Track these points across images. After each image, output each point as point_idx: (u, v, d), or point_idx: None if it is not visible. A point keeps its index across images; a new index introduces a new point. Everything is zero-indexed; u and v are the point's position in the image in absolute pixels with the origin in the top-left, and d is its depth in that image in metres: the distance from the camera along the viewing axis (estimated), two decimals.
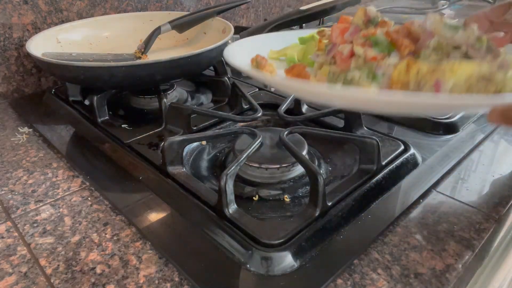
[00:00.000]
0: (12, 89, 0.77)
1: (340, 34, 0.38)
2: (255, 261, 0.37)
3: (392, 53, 0.33)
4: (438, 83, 0.26)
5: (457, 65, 0.26)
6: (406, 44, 0.32)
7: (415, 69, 0.27)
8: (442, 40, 0.31)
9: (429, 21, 0.32)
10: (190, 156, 0.55)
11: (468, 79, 0.26)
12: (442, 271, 0.37)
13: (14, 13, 0.73)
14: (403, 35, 0.33)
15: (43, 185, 0.50)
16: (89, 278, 0.37)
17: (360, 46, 0.34)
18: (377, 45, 0.33)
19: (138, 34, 0.79)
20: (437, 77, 0.26)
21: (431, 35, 0.31)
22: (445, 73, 0.26)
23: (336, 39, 0.38)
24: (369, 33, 0.34)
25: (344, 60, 0.35)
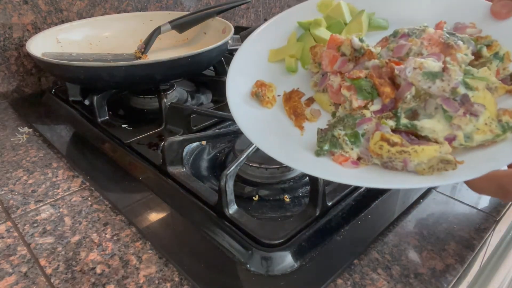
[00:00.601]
0: (12, 89, 0.77)
1: (330, 64, 0.39)
2: (255, 261, 0.37)
3: (376, 100, 0.35)
4: (406, 160, 0.30)
5: (420, 149, 0.30)
6: (387, 93, 0.34)
7: (386, 148, 0.31)
8: (420, 89, 0.33)
9: (408, 69, 0.33)
10: (190, 156, 0.55)
11: (430, 160, 0.29)
12: (442, 271, 0.37)
13: (14, 13, 0.73)
14: (387, 76, 0.35)
15: (43, 185, 0.50)
16: (89, 278, 0.37)
17: (346, 90, 0.36)
18: (361, 91, 0.35)
19: (138, 34, 0.79)
20: (404, 157, 0.30)
21: (410, 86, 0.33)
22: (410, 155, 0.30)
23: (327, 68, 0.39)
24: (354, 76, 0.36)
25: (335, 93, 0.37)
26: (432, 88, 0.32)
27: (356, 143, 0.33)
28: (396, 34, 0.39)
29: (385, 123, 0.33)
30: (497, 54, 0.37)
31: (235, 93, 0.39)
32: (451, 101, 0.32)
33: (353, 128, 0.34)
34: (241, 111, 0.38)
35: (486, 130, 0.31)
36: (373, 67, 0.36)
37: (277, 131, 0.37)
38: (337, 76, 0.38)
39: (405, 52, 0.36)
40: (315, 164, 0.33)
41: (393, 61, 0.35)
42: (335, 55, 0.39)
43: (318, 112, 0.40)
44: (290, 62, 0.44)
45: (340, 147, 0.34)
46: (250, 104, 0.39)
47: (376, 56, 0.37)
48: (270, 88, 0.41)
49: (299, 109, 0.39)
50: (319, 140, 0.35)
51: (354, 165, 0.33)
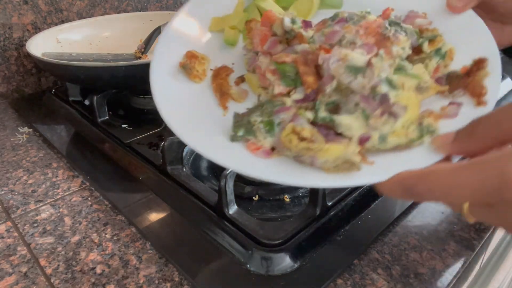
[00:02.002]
0: (12, 89, 0.77)
1: (261, 43, 0.36)
2: (255, 261, 0.37)
3: (299, 88, 0.33)
4: (313, 158, 0.29)
5: (326, 148, 0.29)
6: (309, 83, 0.32)
7: (295, 142, 0.30)
8: (341, 83, 0.31)
9: (332, 60, 0.31)
10: (190, 156, 0.55)
11: (336, 159, 0.28)
12: (442, 271, 0.37)
13: (14, 13, 0.73)
14: (313, 64, 0.33)
15: (43, 185, 0.50)
16: (89, 278, 0.37)
17: (271, 74, 0.34)
18: (284, 77, 0.34)
19: (138, 34, 0.79)
20: (311, 154, 0.29)
21: (331, 78, 0.31)
22: (317, 153, 0.29)
23: (257, 47, 0.37)
24: (279, 59, 0.34)
25: (263, 75, 0.35)
26: (353, 83, 0.30)
27: (271, 132, 0.32)
28: (335, 17, 0.37)
29: (303, 114, 0.31)
30: (439, 50, 0.35)
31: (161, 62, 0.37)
32: (370, 99, 0.30)
33: (270, 116, 0.32)
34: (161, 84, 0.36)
35: (402, 134, 0.29)
36: (302, 52, 0.34)
37: (198, 109, 0.35)
38: (266, 57, 0.36)
39: (337, 39, 0.34)
40: (226, 151, 0.32)
41: (323, 48, 0.33)
42: (267, 34, 0.36)
43: (245, 92, 0.37)
44: (229, 34, 0.41)
45: (254, 134, 0.32)
46: (176, 78, 0.37)
47: (307, 41, 0.35)
48: (203, 60, 0.38)
49: (224, 87, 0.37)
50: (234, 125, 0.33)
51: (266, 155, 0.31)
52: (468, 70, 0.32)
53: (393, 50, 0.33)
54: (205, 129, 0.34)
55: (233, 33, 0.41)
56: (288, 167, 0.30)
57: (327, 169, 0.29)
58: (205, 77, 0.38)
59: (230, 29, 0.41)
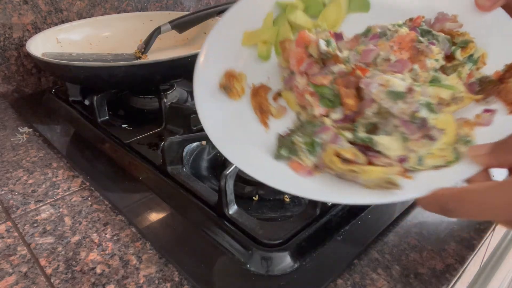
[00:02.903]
0: (12, 89, 0.77)
1: (297, 63, 0.37)
2: (255, 261, 0.37)
3: (338, 108, 0.34)
4: (356, 177, 0.30)
5: (369, 169, 0.30)
6: (350, 105, 0.33)
7: (338, 164, 0.31)
8: (382, 107, 0.32)
9: (373, 84, 0.32)
10: (190, 156, 0.55)
11: (378, 179, 0.30)
12: (442, 271, 0.37)
13: (14, 13, 0.73)
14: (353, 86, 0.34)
15: (43, 185, 0.50)
16: (89, 278, 0.37)
17: (309, 95, 0.35)
18: (323, 99, 0.35)
19: (138, 34, 0.79)
20: (354, 175, 0.30)
21: (372, 102, 0.32)
22: (359, 173, 0.30)
23: (294, 67, 0.37)
24: (318, 82, 0.35)
25: (301, 95, 0.36)
26: (393, 108, 0.31)
27: (313, 152, 0.33)
28: (368, 33, 0.38)
29: (343, 135, 0.32)
30: (472, 56, 0.36)
31: (203, 84, 0.38)
32: (410, 123, 0.31)
33: (311, 137, 0.34)
34: (206, 107, 0.37)
35: (439, 156, 0.30)
36: (339, 73, 0.35)
37: (240, 127, 0.37)
38: (303, 78, 0.37)
39: (372, 57, 0.35)
40: (271, 170, 0.33)
41: (359, 67, 0.34)
42: (303, 55, 0.37)
43: (284, 109, 0.39)
44: (262, 49, 0.41)
45: (297, 154, 0.33)
46: (217, 98, 0.38)
47: (342, 61, 0.36)
48: (240, 78, 0.39)
49: (265, 106, 0.39)
50: (278, 146, 0.34)
51: (308, 174, 0.32)
52: (501, 75, 0.33)
53: (427, 63, 0.34)
54: (249, 147, 0.35)
55: (266, 47, 0.41)
56: (330, 185, 0.31)
57: (368, 186, 0.30)
58: (243, 94, 0.39)
59: (263, 45, 0.41)
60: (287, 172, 0.33)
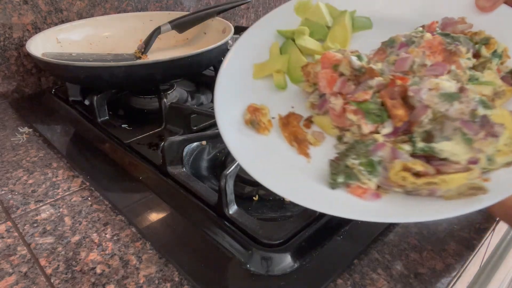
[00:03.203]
0: (12, 89, 0.77)
1: (328, 85, 0.36)
2: (255, 261, 0.37)
3: (386, 123, 0.32)
4: (434, 189, 0.29)
5: (449, 178, 0.28)
6: (400, 116, 0.31)
7: (411, 179, 0.29)
8: (437, 112, 0.31)
9: (423, 90, 0.31)
10: (190, 156, 0.55)
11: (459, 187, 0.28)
12: (442, 271, 0.37)
13: (14, 13, 0.73)
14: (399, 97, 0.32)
15: (43, 185, 0.50)
16: (89, 278, 0.37)
17: (353, 114, 0.33)
18: (369, 115, 0.33)
19: (138, 34, 0.79)
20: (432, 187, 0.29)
21: (426, 109, 0.31)
22: (439, 184, 0.28)
23: (325, 90, 0.36)
24: (360, 98, 0.33)
25: (339, 116, 0.35)
26: (450, 110, 0.30)
27: (373, 172, 0.31)
28: (393, 43, 0.37)
29: (401, 148, 0.31)
30: (496, 52, 0.35)
31: (227, 122, 0.36)
32: (471, 123, 0.30)
33: (367, 156, 0.31)
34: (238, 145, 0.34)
35: (507, 151, 0.29)
36: (377, 86, 0.33)
37: (281, 162, 0.34)
38: (338, 98, 0.35)
39: (409, 65, 0.34)
40: (331, 200, 0.31)
41: (398, 77, 0.33)
42: (333, 75, 0.36)
43: (322, 135, 0.36)
44: (278, 79, 0.40)
45: (356, 178, 0.31)
46: (245, 133, 0.36)
47: (379, 74, 0.34)
48: (264, 111, 0.37)
49: (300, 134, 0.36)
50: (332, 172, 0.32)
51: (376, 197, 0.30)
52: None
53: (461, 63, 0.33)
54: (296, 180, 0.33)
55: (281, 77, 0.41)
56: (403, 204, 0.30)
57: (449, 197, 0.28)
58: (271, 127, 0.37)
59: (279, 74, 0.41)
60: (349, 199, 0.31)
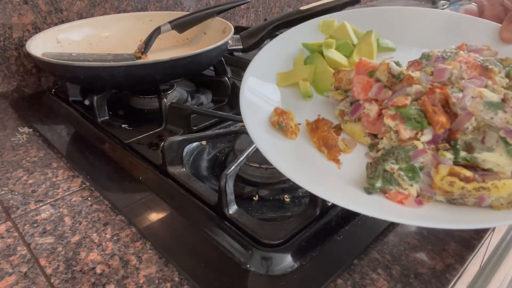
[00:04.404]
0: (12, 89, 0.77)
1: (363, 91, 0.36)
2: (255, 261, 0.37)
3: (426, 130, 0.32)
4: (482, 197, 0.28)
5: (501, 184, 0.27)
6: (442, 123, 0.31)
7: (460, 184, 0.28)
8: (480, 120, 0.31)
9: (467, 97, 0.31)
10: (190, 156, 0.55)
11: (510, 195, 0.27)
12: (442, 271, 0.37)
13: (14, 13, 0.73)
14: (440, 104, 0.32)
15: (43, 185, 0.50)
16: (89, 278, 0.37)
17: (391, 119, 0.33)
18: (409, 120, 0.32)
19: (138, 34, 0.79)
20: (482, 194, 0.28)
21: (470, 116, 0.31)
22: (490, 191, 0.28)
23: (359, 95, 0.36)
24: (399, 103, 0.32)
25: (372, 123, 0.34)
26: (495, 119, 0.30)
27: (415, 178, 0.30)
28: (428, 57, 0.37)
29: (444, 156, 0.30)
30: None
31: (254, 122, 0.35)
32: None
33: (407, 162, 0.31)
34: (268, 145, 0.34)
35: None
36: (416, 93, 0.33)
37: (311, 165, 0.34)
38: (372, 104, 0.35)
39: (447, 76, 0.34)
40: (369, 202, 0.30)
41: (437, 87, 0.33)
42: (369, 81, 0.36)
43: (353, 142, 0.36)
44: (305, 87, 0.41)
45: (396, 183, 0.30)
46: (273, 135, 0.36)
47: (417, 81, 0.34)
48: (290, 116, 0.37)
49: (331, 140, 0.36)
50: (369, 176, 0.31)
51: (418, 204, 0.29)
52: None
53: (496, 80, 0.33)
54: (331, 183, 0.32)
55: (308, 85, 0.41)
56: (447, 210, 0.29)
57: (499, 206, 0.28)
58: (298, 132, 0.37)
59: (305, 82, 0.41)
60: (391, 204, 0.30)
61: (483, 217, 0.28)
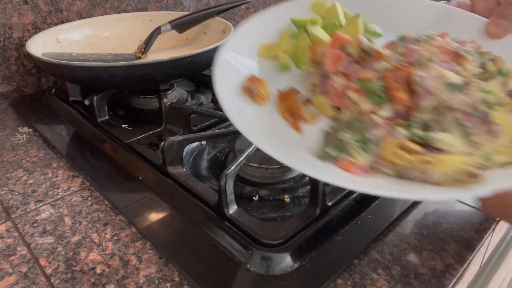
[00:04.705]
0: (12, 89, 0.77)
1: (334, 63, 0.36)
2: (255, 261, 0.37)
3: (386, 106, 0.33)
4: (427, 171, 0.28)
5: (446, 159, 0.28)
6: (402, 99, 0.32)
7: (407, 157, 0.29)
8: (440, 101, 0.31)
9: (430, 76, 0.31)
10: (190, 156, 0.55)
11: (458, 171, 0.27)
12: (442, 271, 0.37)
13: (14, 13, 0.73)
14: (403, 81, 0.32)
15: (43, 185, 0.50)
16: (89, 278, 0.37)
17: (354, 92, 0.34)
18: (371, 95, 0.33)
19: (138, 34, 0.79)
20: (426, 167, 0.28)
21: (429, 95, 0.31)
22: (434, 165, 0.28)
23: (330, 68, 0.37)
24: (365, 77, 0.33)
25: (338, 96, 0.35)
26: (454, 100, 0.30)
27: (367, 149, 0.31)
28: (403, 39, 0.37)
29: (398, 131, 0.31)
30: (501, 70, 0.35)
31: (224, 86, 0.36)
32: (472, 116, 0.30)
33: (362, 134, 0.32)
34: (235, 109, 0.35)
35: (506, 153, 0.29)
36: (383, 70, 0.34)
37: (276, 132, 0.35)
38: (340, 78, 0.35)
39: (416, 57, 0.34)
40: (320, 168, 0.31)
41: (404, 65, 0.33)
42: (340, 55, 0.36)
43: (318, 114, 0.37)
44: (284, 59, 0.42)
45: (348, 152, 0.31)
46: (243, 100, 0.36)
47: (387, 59, 0.35)
48: (263, 84, 0.38)
49: (297, 108, 0.37)
50: (325, 144, 0.32)
51: (365, 173, 0.30)
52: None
53: (468, 68, 0.33)
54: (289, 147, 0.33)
55: (287, 58, 0.42)
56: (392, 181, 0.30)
57: (444, 182, 0.28)
58: (268, 100, 0.38)
59: (285, 55, 0.42)
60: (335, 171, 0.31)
61: (427, 190, 0.28)
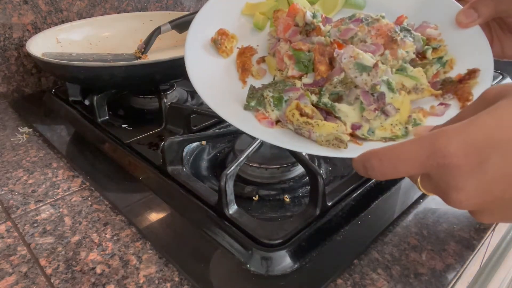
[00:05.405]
0: (12, 89, 0.77)
1: (283, 30, 0.41)
2: (255, 261, 0.37)
3: (309, 74, 0.38)
4: (310, 131, 0.34)
5: (322, 123, 0.34)
6: (321, 71, 0.37)
7: (297, 116, 0.35)
8: (348, 77, 0.36)
9: (345, 55, 0.36)
10: (190, 156, 0.55)
11: (328, 135, 0.34)
12: (442, 271, 0.37)
13: (14, 13, 0.73)
14: (328, 56, 0.38)
15: (43, 185, 0.50)
16: (89, 278, 0.37)
17: (287, 58, 0.39)
18: (298, 63, 0.39)
19: (138, 34, 0.79)
20: (309, 128, 0.34)
21: (340, 71, 0.36)
22: (313, 127, 0.34)
23: (280, 34, 0.42)
24: (297, 46, 0.39)
25: (281, 59, 0.40)
26: (358, 79, 0.35)
27: (278, 106, 0.37)
28: (352, 17, 0.41)
29: (308, 96, 0.36)
30: (441, 58, 0.39)
31: (195, 36, 0.42)
32: (368, 95, 0.35)
33: (280, 93, 0.37)
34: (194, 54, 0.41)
35: (389, 130, 0.34)
36: (318, 43, 0.39)
37: (222, 80, 0.41)
38: (286, 44, 0.40)
39: (350, 36, 0.39)
40: (239, 116, 0.37)
41: (337, 42, 0.38)
42: (290, 23, 0.41)
43: (264, 71, 0.42)
44: (258, 19, 0.45)
45: (263, 106, 0.37)
46: (208, 51, 0.42)
47: (324, 34, 0.40)
48: (232, 39, 0.43)
49: (247, 64, 0.42)
50: (248, 96, 0.38)
51: (270, 125, 0.37)
52: (461, 77, 0.37)
53: (398, 52, 0.37)
54: (226, 97, 0.39)
55: (262, 18, 0.46)
56: (288, 137, 0.35)
57: (320, 142, 0.34)
58: (231, 54, 0.43)
59: (260, 15, 0.46)
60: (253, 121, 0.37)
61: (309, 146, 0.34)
